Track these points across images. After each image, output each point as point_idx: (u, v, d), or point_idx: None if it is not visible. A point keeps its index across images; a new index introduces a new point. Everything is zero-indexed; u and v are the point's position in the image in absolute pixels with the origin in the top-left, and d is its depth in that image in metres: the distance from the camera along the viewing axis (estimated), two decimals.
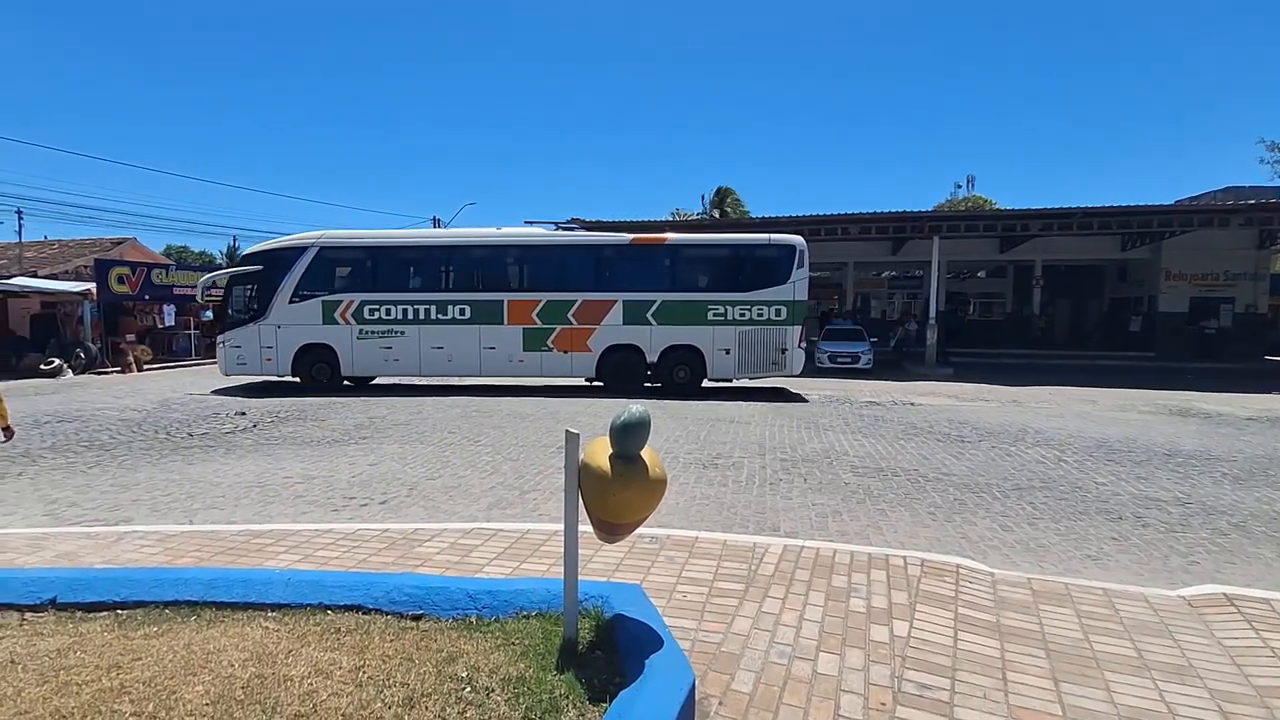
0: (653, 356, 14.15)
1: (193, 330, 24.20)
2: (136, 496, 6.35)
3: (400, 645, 2.87)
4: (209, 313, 22.12)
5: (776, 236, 14.72)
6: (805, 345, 14.27)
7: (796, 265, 13.88)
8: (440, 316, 14.25)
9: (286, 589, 3.38)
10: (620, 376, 14.20)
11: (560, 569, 2.99)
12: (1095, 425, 10.71)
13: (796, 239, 14.22)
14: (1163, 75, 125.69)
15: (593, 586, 3.30)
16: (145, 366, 20.42)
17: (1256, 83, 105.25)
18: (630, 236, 14.84)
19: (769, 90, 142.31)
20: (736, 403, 13.02)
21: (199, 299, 17.53)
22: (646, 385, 14.33)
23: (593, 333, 14.14)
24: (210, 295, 16.59)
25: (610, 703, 2.44)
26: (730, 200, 41.90)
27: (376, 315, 14.27)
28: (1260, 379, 18.52)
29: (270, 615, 3.21)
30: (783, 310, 13.91)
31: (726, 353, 14.03)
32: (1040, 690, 2.95)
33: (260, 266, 14.63)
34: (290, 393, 14.00)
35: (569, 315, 14.11)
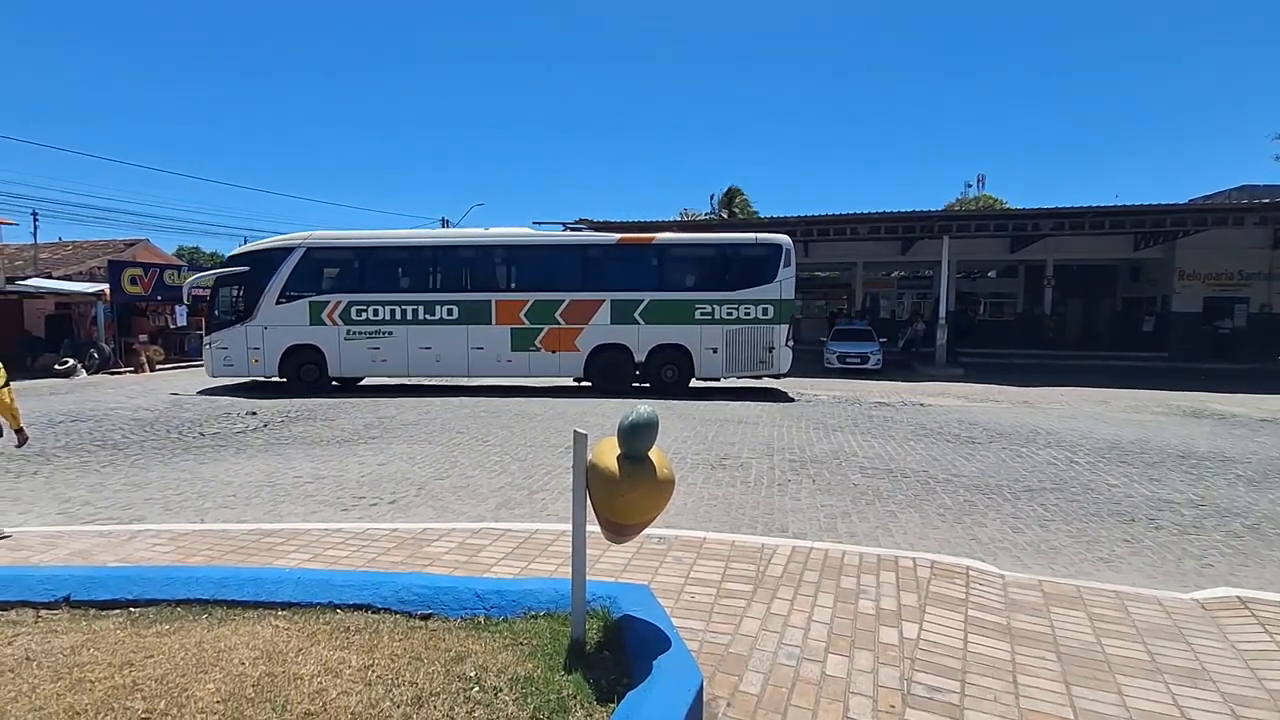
0: (641, 356, 14.12)
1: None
2: (149, 495, 6.41)
3: (409, 644, 2.89)
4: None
5: (763, 236, 14.68)
6: (793, 344, 14.25)
7: (783, 264, 13.86)
8: (428, 317, 14.15)
9: (296, 588, 3.40)
10: (608, 376, 14.16)
11: (568, 569, 2.99)
12: (1108, 426, 10.62)
13: (783, 238, 14.19)
14: (1173, 74, 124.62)
15: (601, 587, 3.30)
16: (158, 366, 20.63)
17: (1264, 82, 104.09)
18: (618, 236, 14.84)
19: (776, 91, 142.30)
20: (744, 403, 12.99)
21: (185, 300, 17.16)
22: (634, 385, 14.31)
23: (580, 332, 14.11)
24: (196, 296, 16.30)
25: (618, 703, 2.44)
26: (739, 201, 41.81)
27: (364, 316, 14.16)
28: (1275, 380, 18.30)
29: (280, 614, 3.24)
30: (770, 309, 13.88)
31: (714, 352, 14.01)
32: (1051, 693, 2.93)
33: (247, 268, 14.50)
34: (301, 393, 14.06)
35: (557, 315, 14.07)
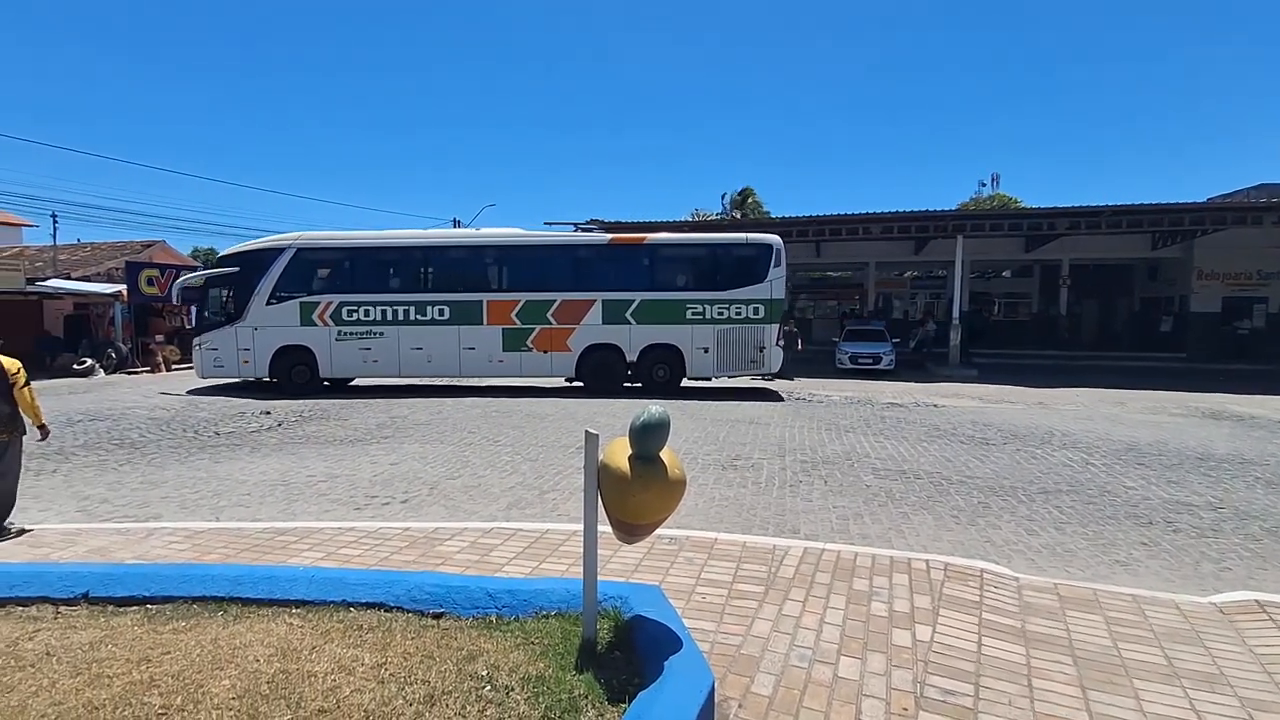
0: (632, 355, 14.13)
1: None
2: (165, 494, 6.49)
3: (421, 643, 2.90)
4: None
5: (754, 236, 14.69)
6: (783, 343, 14.29)
7: (774, 264, 13.88)
8: (419, 317, 14.13)
9: (310, 586, 3.43)
10: (600, 376, 14.17)
11: (579, 569, 2.99)
12: (1124, 428, 10.49)
13: (774, 238, 14.19)
14: (1192, 71, 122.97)
15: (612, 587, 3.30)
16: (173, 366, 20.86)
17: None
18: (609, 236, 14.87)
19: (789, 90, 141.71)
20: (754, 403, 12.96)
21: (174, 301, 16.78)
22: (626, 384, 14.31)
23: (572, 332, 14.12)
24: (186, 297, 15.90)
25: (629, 703, 2.44)
26: (751, 201, 41.73)
27: (355, 316, 14.13)
28: None
29: (294, 612, 3.26)
30: (760, 309, 13.91)
31: (705, 351, 14.03)
32: (1067, 698, 2.90)
33: (237, 268, 14.43)
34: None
35: (548, 315, 14.08)
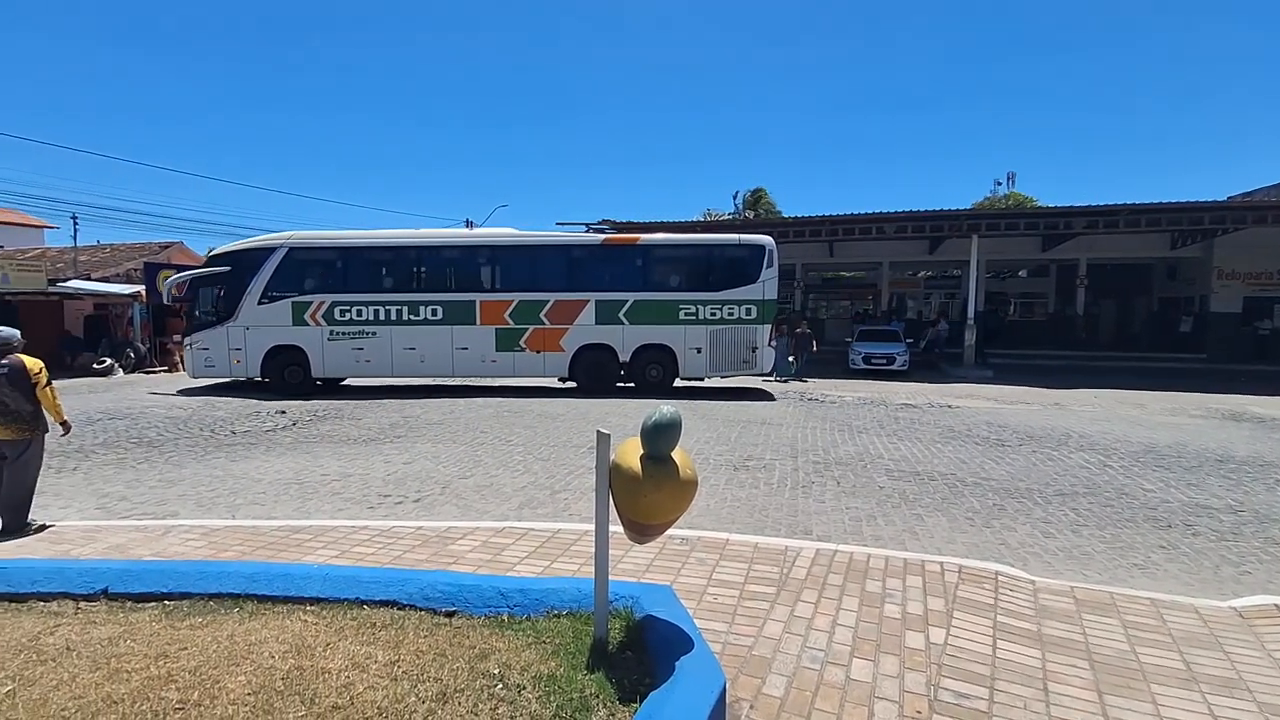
0: (625, 356, 14.13)
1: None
2: (182, 492, 6.57)
3: (433, 641, 2.92)
4: None
5: (746, 237, 14.67)
6: (775, 344, 14.28)
7: (766, 265, 13.90)
8: (412, 317, 14.11)
9: (324, 584, 3.46)
10: (593, 376, 14.18)
11: (591, 568, 3.00)
12: (1143, 429, 10.36)
13: (766, 239, 14.19)
14: (1210, 69, 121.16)
15: (623, 587, 3.30)
16: None
17: None
18: (602, 237, 14.87)
19: (802, 89, 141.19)
20: (766, 403, 12.93)
21: (165, 301, 16.74)
22: (619, 385, 14.33)
23: (565, 332, 14.12)
24: (177, 296, 15.75)
25: (640, 704, 2.44)
26: (764, 201, 41.59)
27: (348, 316, 14.11)
28: None
29: (309, 609, 3.29)
30: (753, 309, 13.93)
31: (698, 352, 14.04)
32: (1083, 702, 2.86)
33: (228, 268, 14.37)
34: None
35: (542, 315, 14.08)
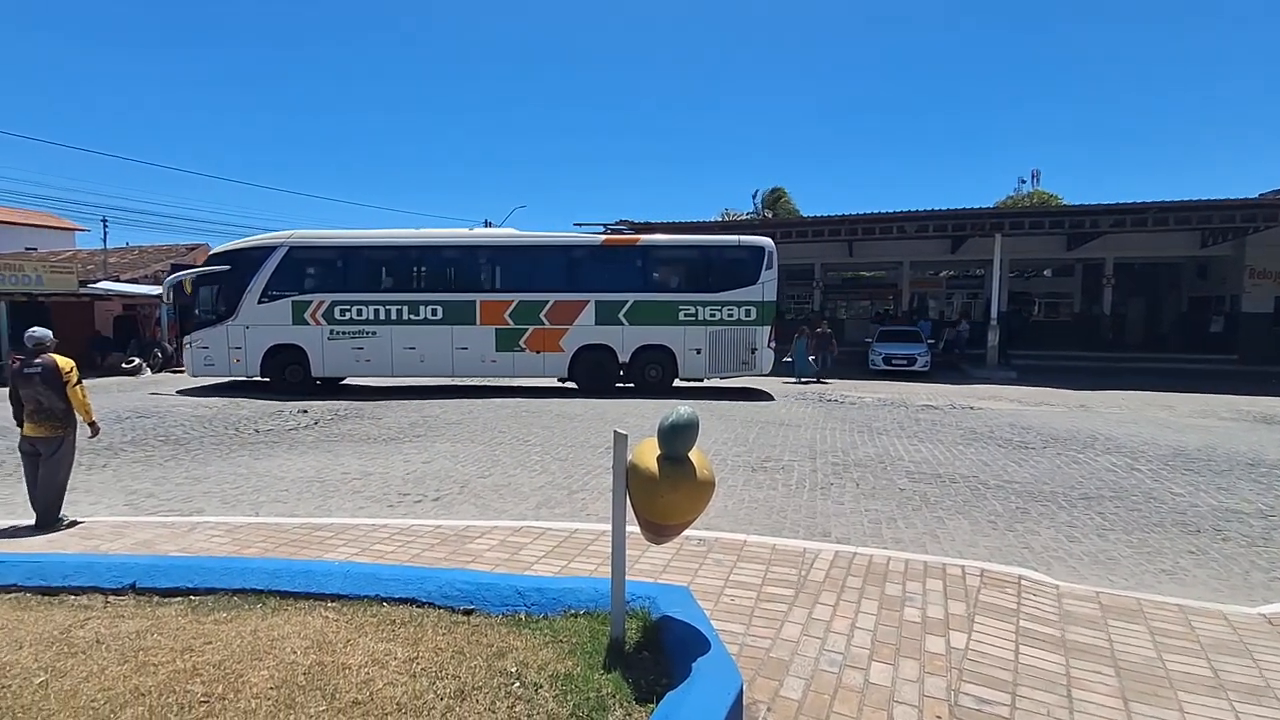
0: (625, 356, 14.13)
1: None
2: (208, 489, 6.69)
3: (452, 639, 2.94)
4: None
5: (746, 238, 14.66)
6: (775, 345, 14.24)
7: (765, 266, 13.89)
8: (412, 317, 14.13)
9: (345, 581, 3.50)
10: (592, 376, 14.17)
11: (608, 568, 3.00)
12: (1172, 432, 10.14)
13: (765, 240, 14.18)
14: (1239, 63, 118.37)
15: (640, 587, 3.31)
16: None
17: None
18: (603, 237, 14.89)
19: (822, 87, 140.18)
20: (785, 404, 12.86)
21: (164, 300, 16.58)
22: (618, 385, 14.31)
23: (565, 333, 14.13)
24: (177, 296, 15.58)
25: (657, 704, 2.44)
26: (783, 200, 41.36)
27: (348, 315, 14.12)
28: None
29: (330, 605, 3.34)
30: (753, 310, 13.92)
31: (698, 352, 14.04)
32: (1108, 709, 2.81)
33: (228, 266, 14.38)
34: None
35: (541, 315, 14.09)
